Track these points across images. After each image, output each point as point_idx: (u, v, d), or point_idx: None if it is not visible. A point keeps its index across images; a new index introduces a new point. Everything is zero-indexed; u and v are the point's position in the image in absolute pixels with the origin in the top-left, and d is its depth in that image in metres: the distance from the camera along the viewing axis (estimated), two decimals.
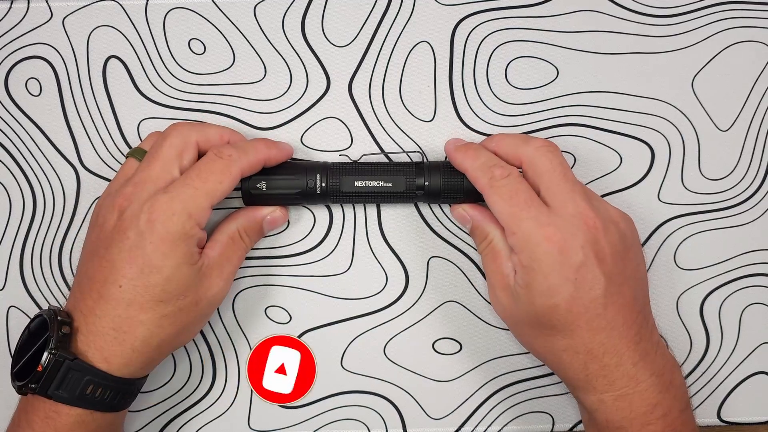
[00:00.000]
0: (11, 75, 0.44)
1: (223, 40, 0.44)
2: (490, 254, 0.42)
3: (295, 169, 0.43)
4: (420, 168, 0.43)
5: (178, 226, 0.38)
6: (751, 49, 0.45)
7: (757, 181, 0.46)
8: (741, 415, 0.48)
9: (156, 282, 0.38)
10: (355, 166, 0.43)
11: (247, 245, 0.43)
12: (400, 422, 0.48)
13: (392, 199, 0.44)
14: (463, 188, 0.43)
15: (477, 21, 0.44)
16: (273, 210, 0.43)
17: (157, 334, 0.39)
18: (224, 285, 0.41)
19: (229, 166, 0.39)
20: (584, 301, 0.38)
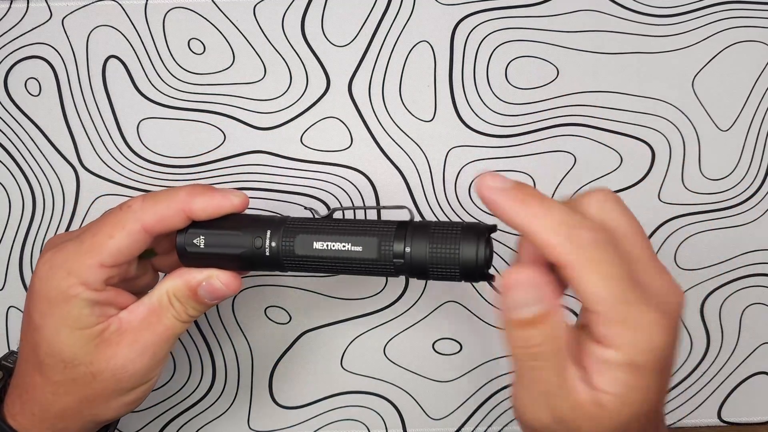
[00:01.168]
0: (11, 75, 0.44)
1: (223, 39, 0.44)
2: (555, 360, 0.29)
3: (243, 222, 0.35)
4: (402, 228, 0.33)
5: (53, 283, 0.33)
6: (752, 48, 0.45)
7: (757, 181, 0.46)
8: (741, 415, 0.48)
9: (38, 342, 0.34)
10: (317, 223, 0.34)
11: (179, 314, 0.35)
12: (400, 422, 0.48)
13: (363, 269, 0.33)
14: (459, 261, 0.31)
15: (477, 21, 0.44)
16: (211, 275, 0.35)
17: (53, 401, 0.34)
18: (138, 357, 0.34)
19: (126, 218, 0.33)
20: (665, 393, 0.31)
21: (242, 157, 0.45)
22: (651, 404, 0.30)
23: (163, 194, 0.34)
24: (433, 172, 0.45)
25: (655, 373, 0.29)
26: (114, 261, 0.33)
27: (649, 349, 0.28)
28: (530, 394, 0.30)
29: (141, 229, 0.33)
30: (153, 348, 0.34)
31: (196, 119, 0.45)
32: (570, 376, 0.29)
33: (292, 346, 0.47)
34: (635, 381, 0.28)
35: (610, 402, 0.29)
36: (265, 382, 0.47)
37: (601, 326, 0.28)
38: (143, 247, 0.34)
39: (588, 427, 0.29)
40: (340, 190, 0.45)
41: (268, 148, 0.45)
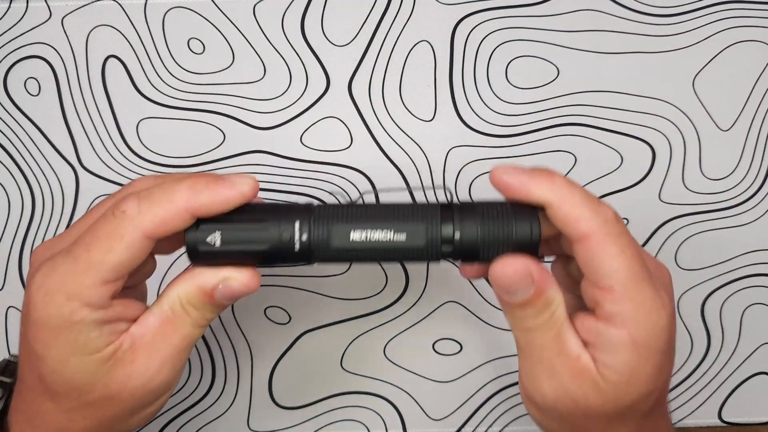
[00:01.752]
0: (10, 75, 0.44)
1: (223, 39, 0.44)
2: (552, 331, 0.31)
3: (264, 213, 0.30)
4: (448, 211, 0.30)
5: (52, 311, 0.29)
6: (753, 48, 0.45)
7: (758, 181, 0.46)
8: (742, 415, 0.48)
9: (44, 373, 0.30)
10: (351, 210, 0.30)
11: (196, 320, 0.31)
12: (400, 423, 0.48)
13: (405, 257, 0.30)
14: (513, 240, 0.30)
15: (477, 20, 0.44)
16: (228, 276, 0.30)
17: (68, 427, 0.31)
18: (156, 373, 0.31)
19: (122, 226, 0.29)
20: (670, 377, 0.33)
21: (242, 157, 0.45)
22: (656, 384, 0.31)
23: (161, 193, 0.30)
24: (433, 172, 0.45)
25: (660, 353, 0.30)
26: (117, 275, 0.29)
27: (655, 329, 0.30)
28: (532, 366, 0.31)
29: (141, 237, 0.29)
30: (172, 360, 0.31)
31: (196, 119, 0.45)
32: (570, 345, 0.30)
33: (292, 347, 0.47)
34: (641, 361, 0.29)
35: (617, 380, 0.30)
36: (264, 382, 0.47)
37: (612, 304, 0.29)
38: (147, 253, 0.30)
39: (594, 398, 0.30)
40: (340, 190, 0.45)
41: (267, 147, 0.45)
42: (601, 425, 0.32)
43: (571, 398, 0.31)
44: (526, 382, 0.32)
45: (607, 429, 0.32)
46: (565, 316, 0.31)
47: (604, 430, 0.32)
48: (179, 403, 0.47)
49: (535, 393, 0.32)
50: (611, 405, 0.31)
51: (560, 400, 0.31)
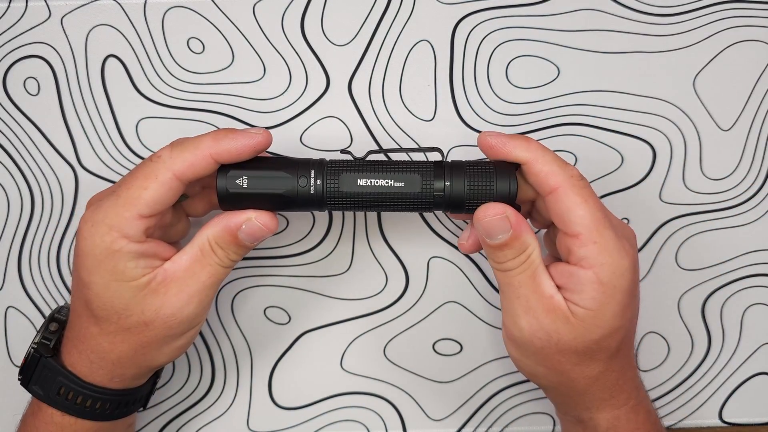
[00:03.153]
0: (9, 74, 0.44)
1: (222, 39, 0.44)
2: (528, 271, 0.36)
3: (284, 163, 0.36)
4: (440, 166, 0.36)
5: (96, 240, 0.34)
6: (753, 48, 0.45)
7: (758, 181, 0.46)
8: (742, 415, 0.48)
9: (89, 298, 0.35)
10: (358, 163, 0.37)
11: (222, 259, 0.36)
12: (400, 423, 0.48)
13: (404, 204, 0.36)
14: (494, 193, 0.36)
15: (477, 20, 0.44)
16: (251, 216, 0.36)
17: (110, 350, 0.36)
18: (185, 305, 0.36)
19: (156, 168, 0.34)
20: (629, 334, 0.37)
21: None
22: (621, 322, 0.35)
23: (190, 141, 0.35)
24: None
25: (623, 292, 0.35)
26: (151, 211, 0.34)
27: (618, 269, 0.34)
28: (512, 303, 0.36)
29: (173, 177, 0.34)
30: (199, 295, 0.36)
31: (196, 118, 0.45)
32: (544, 285, 0.36)
33: (292, 347, 0.47)
34: (606, 298, 0.34)
35: (586, 315, 0.35)
36: (264, 382, 0.47)
37: (579, 248, 0.34)
38: (177, 194, 0.35)
39: (566, 333, 0.35)
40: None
41: None
42: (573, 360, 0.36)
43: (545, 331, 0.35)
44: (506, 318, 0.37)
45: (577, 365, 0.36)
46: (540, 260, 0.36)
47: (575, 366, 0.36)
48: (179, 403, 0.47)
49: (514, 328, 0.37)
50: (581, 340, 0.35)
51: (535, 334, 0.36)
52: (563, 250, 0.36)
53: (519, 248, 0.36)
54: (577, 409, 0.39)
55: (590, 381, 0.37)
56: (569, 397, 0.38)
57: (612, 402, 0.37)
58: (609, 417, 0.38)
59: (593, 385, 0.37)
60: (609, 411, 0.38)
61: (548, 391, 0.40)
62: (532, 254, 0.36)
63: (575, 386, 0.37)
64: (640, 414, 0.38)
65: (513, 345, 0.38)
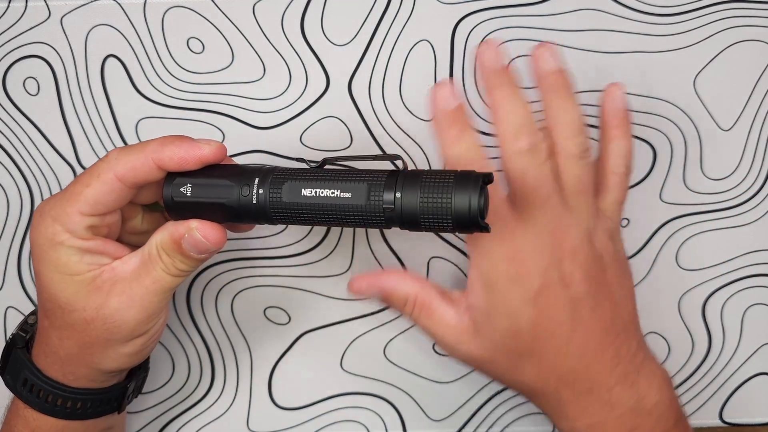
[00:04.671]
0: (9, 74, 0.44)
1: (222, 39, 0.44)
2: (423, 312, 0.38)
3: (232, 172, 0.34)
4: (393, 176, 0.32)
5: (42, 230, 0.34)
6: (754, 48, 0.45)
7: (759, 181, 0.46)
8: (743, 416, 0.48)
9: (39, 289, 0.36)
10: (307, 172, 0.34)
11: (167, 267, 0.35)
12: (400, 424, 0.48)
13: (351, 218, 0.32)
14: (451, 211, 0.31)
15: (478, 19, 0.44)
16: (192, 227, 0.34)
17: (59, 345, 0.36)
18: (126, 308, 0.35)
19: (101, 167, 0.34)
20: (549, 326, 0.36)
21: (241, 156, 0.45)
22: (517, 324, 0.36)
23: (137, 145, 0.35)
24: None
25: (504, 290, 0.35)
26: (92, 209, 0.34)
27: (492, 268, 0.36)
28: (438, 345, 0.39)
29: (114, 178, 0.34)
30: (141, 300, 0.35)
31: (195, 118, 0.45)
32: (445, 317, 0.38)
33: (292, 347, 0.47)
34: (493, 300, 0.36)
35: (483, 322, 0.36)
36: (264, 383, 0.47)
37: (467, 246, 0.37)
38: (122, 197, 0.34)
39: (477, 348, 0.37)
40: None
41: (267, 147, 0.45)
42: (500, 370, 0.38)
43: (465, 356, 0.38)
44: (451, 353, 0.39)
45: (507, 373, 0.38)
46: (432, 295, 0.38)
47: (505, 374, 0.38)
48: (179, 404, 0.47)
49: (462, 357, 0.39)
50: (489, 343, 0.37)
51: (461, 359, 0.38)
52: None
53: (399, 302, 0.38)
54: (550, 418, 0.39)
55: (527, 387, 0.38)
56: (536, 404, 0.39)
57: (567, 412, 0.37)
58: (567, 427, 0.37)
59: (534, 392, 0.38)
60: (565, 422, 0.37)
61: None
62: (417, 299, 0.38)
63: (524, 392, 0.39)
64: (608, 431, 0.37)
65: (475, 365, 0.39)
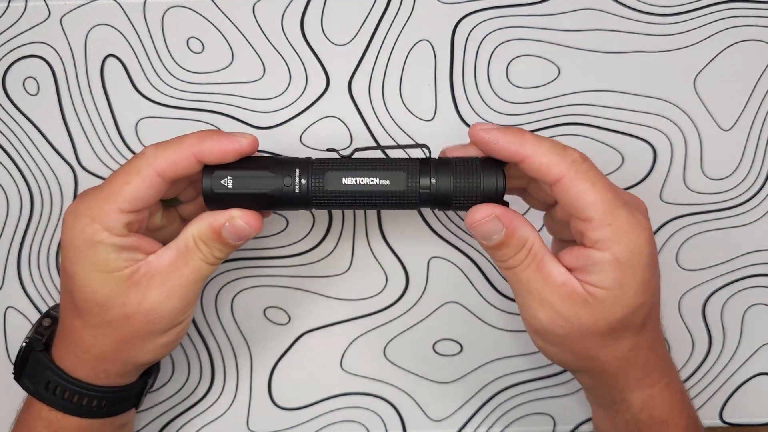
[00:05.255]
0: (9, 74, 0.44)
1: (222, 38, 0.44)
2: (533, 264, 0.35)
3: (269, 163, 0.36)
4: (426, 164, 0.36)
5: (78, 231, 0.34)
6: (754, 48, 0.45)
7: (759, 181, 0.46)
8: (743, 416, 0.48)
9: (72, 289, 0.35)
10: (344, 161, 0.36)
11: (206, 256, 0.36)
12: (400, 424, 0.48)
13: (390, 202, 0.36)
14: (482, 191, 0.35)
15: (478, 19, 0.44)
16: (235, 215, 0.35)
17: (93, 344, 0.36)
18: (167, 299, 0.35)
19: (139, 164, 0.34)
20: (658, 295, 0.36)
21: None
22: (644, 298, 0.34)
23: (174, 140, 0.35)
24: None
25: (643, 268, 0.34)
26: (131, 206, 0.34)
27: (636, 247, 0.34)
28: (524, 298, 0.36)
29: (154, 174, 0.34)
30: (181, 290, 0.36)
31: (195, 118, 0.45)
32: (553, 273, 0.35)
33: (292, 347, 0.47)
34: (626, 277, 0.34)
35: (606, 296, 0.34)
36: (264, 383, 0.47)
37: (593, 231, 0.33)
38: (160, 192, 0.35)
39: (586, 316, 0.34)
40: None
41: (267, 147, 0.45)
42: (599, 343, 0.35)
43: (564, 319, 0.35)
44: (524, 314, 0.36)
45: (604, 346, 0.35)
46: (543, 250, 0.35)
47: (602, 347, 0.35)
48: (179, 404, 0.47)
49: (533, 321, 0.36)
50: (603, 321, 0.34)
51: (555, 322, 0.35)
52: (576, 233, 0.35)
53: (517, 245, 0.35)
54: (611, 392, 0.38)
55: (621, 361, 0.36)
56: (601, 380, 0.37)
57: (645, 381, 0.37)
58: (643, 396, 0.37)
59: (624, 365, 0.36)
60: (643, 390, 0.37)
61: (580, 375, 0.39)
62: (533, 247, 0.35)
63: (606, 368, 0.36)
64: (674, 393, 0.38)
65: (536, 335, 0.37)
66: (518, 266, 0.35)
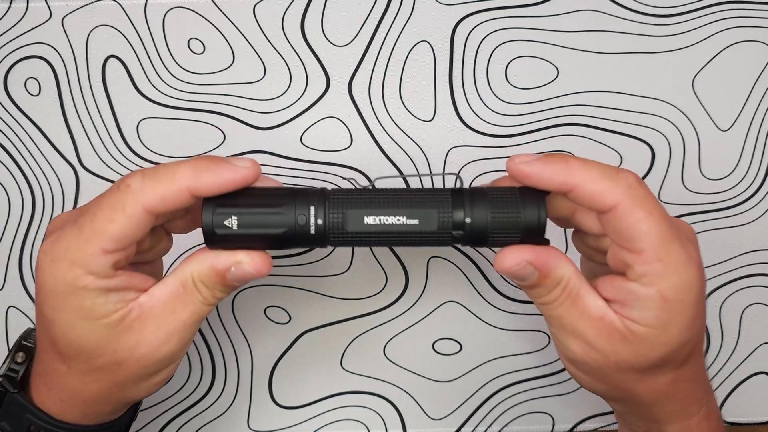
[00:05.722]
0: (10, 75, 0.44)
1: (223, 39, 0.44)
2: (568, 300, 0.32)
3: (279, 197, 0.31)
4: (458, 196, 0.31)
5: (58, 276, 0.30)
6: (752, 48, 0.45)
7: (757, 181, 0.46)
8: (742, 415, 0.48)
9: (54, 336, 0.32)
10: (364, 195, 0.31)
11: (206, 298, 0.32)
12: (400, 423, 0.48)
13: (418, 242, 0.31)
14: (522, 225, 0.31)
15: (477, 20, 0.44)
16: (242, 260, 0.31)
17: (81, 389, 0.33)
18: (163, 343, 0.32)
19: (125, 199, 0.30)
20: (704, 329, 0.34)
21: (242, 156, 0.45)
22: (689, 335, 0.32)
23: (165, 171, 0.30)
24: (433, 172, 0.45)
25: (690, 306, 0.31)
26: (117, 246, 0.30)
27: (685, 284, 0.31)
28: (558, 332, 0.33)
29: (142, 210, 0.30)
30: (179, 333, 0.32)
31: (196, 119, 0.45)
32: (590, 307, 0.32)
33: (292, 346, 0.47)
34: (672, 315, 0.31)
35: (648, 334, 0.31)
36: (264, 382, 0.47)
37: (641, 265, 0.30)
38: (147, 227, 0.31)
39: (625, 352, 0.32)
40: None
41: (267, 147, 0.45)
42: (635, 378, 0.33)
43: (599, 353, 0.32)
44: (557, 343, 0.35)
45: (642, 381, 0.33)
46: (580, 283, 0.32)
47: (640, 381, 0.33)
48: (179, 403, 0.47)
49: (567, 352, 0.34)
50: (643, 358, 0.32)
51: (590, 355, 0.32)
52: (618, 262, 0.32)
53: (551, 285, 0.32)
54: (646, 422, 0.36)
55: (658, 394, 0.34)
56: (637, 410, 0.35)
57: (683, 413, 0.35)
58: (679, 428, 0.35)
59: (662, 398, 0.34)
60: (679, 422, 0.35)
61: (613, 403, 0.37)
62: (568, 284, 0.32)
63: (642, 401, 0.34)
64: (711, 421, 0.36)
65: (568, 363, 0.35)
66: (552, 303, 0.33)
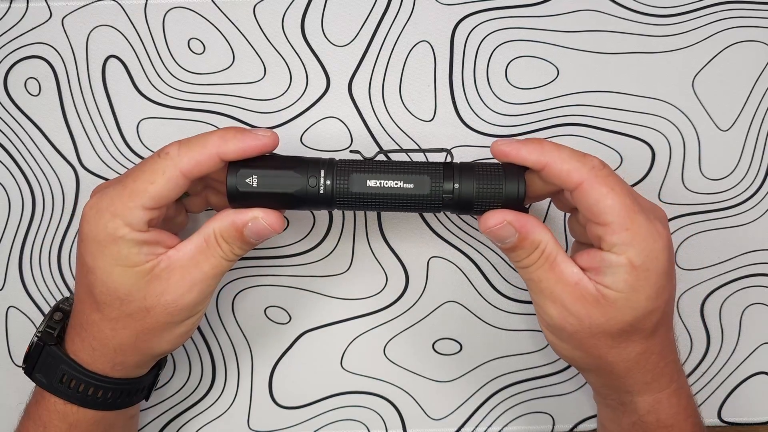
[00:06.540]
0: (10, 75, 0.44)
1: (223, 39, 0.44)
2: (546, 264, 0.36)
3: (294, 163, 0.37)
4: (449, 168, 0.37)
5: (101, 225, 0.35)
6: (752, 48, 0.45)
7: (757, 181, 0.46)
8: (741, 415, 0.48)
9: (92, 282, 0.36)
10: (368, 163, 0.37)
11: (226, 253, 0.37)
12: (400, 423, 0.48)
13: (413, 205, 0.37)
14: (503, 195, 0.36)
15: (477, 20, 0.44)
16: (258, 215, 0.36)
17: (112, 336, 0.37)
18: (187, 292, 0.36)
19: (164, 164, 0.35)
20: (672, 302, 0.37)
21: None
22: (657, 303, 0.35)
23: (197, 139, 0.36)
24: None
25: (658, 274, 0.35)
26: (155, 204, 0.35)
27: (652, 253, 0.34)
28: (537, 296, 0.37)
29: (179, 174, 0.35)
30: (201, 284, 0.37)
31: (196, 119, 0.45)
32: (566, 273, 0.36)
33: (292, 346, 0.47)
34: (640, 281, 0.34)
35: (617, 297, 0.35)
36: (264, 382, 0.47)
37: (611, 235, 0.34)
38: (182, 190, 0.36)
39: (598, 316, 0.35)
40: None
41: None
42: (608, 344, 0.36)
43: (575, 317, 0.36)
44: (537, 309, 0.38)
45: (613, 347, 0.36)
46: (557, 249, 0.36)
47: (611, 348, 0.36)
48: (179, 403, 0.47)
49: (545, 316, 0.37)
50: (614, 322, 0.35)
51: (566, 319, 0.36)
52: (593, 237, 0.36)
53: (530, 247, 0.36)
54: (618, 393, 0.39)
55: (629, 363, 0.37)
56: (609, 380, 0.38)
57: (653, 385, 0.37)
58: (650, 400, 0.38)
59: (633, 368, 0.37)
60: (650, 394, 0.38)
61: (588, 374, 0.40)
62: (546, 248, 0.36)
63: (614, 369, 0.37)
64: (681, 398, 0.38)
65: (547, 331, 0.38)
66: (531, 266, 0.36)
